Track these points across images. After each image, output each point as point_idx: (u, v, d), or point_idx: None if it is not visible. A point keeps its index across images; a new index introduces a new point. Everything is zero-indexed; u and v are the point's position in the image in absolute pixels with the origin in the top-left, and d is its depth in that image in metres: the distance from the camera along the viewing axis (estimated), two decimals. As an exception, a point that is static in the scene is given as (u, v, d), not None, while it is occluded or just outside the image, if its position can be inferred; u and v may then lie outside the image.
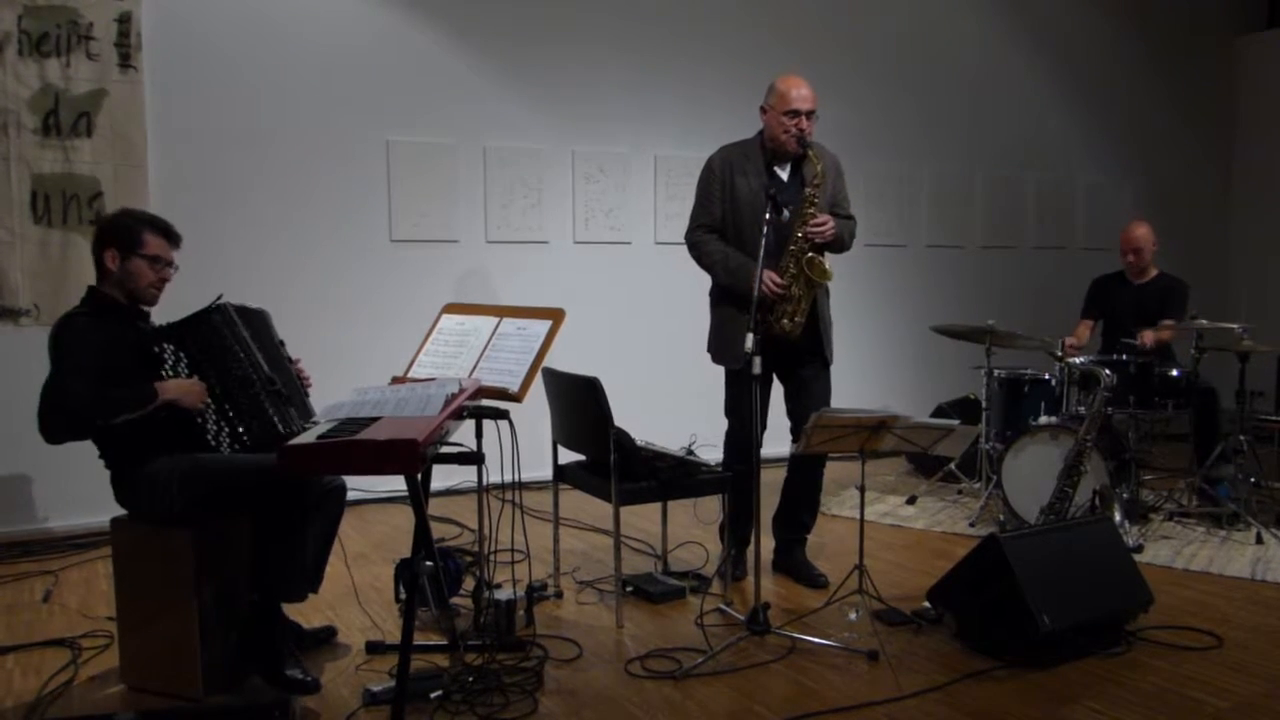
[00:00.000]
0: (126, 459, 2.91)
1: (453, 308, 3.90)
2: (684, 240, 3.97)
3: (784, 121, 3.75)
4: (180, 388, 2.86)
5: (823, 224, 3.67)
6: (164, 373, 2.89)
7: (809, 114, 3.75)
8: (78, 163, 4.66)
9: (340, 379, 3.45)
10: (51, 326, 2.91)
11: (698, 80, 6.13)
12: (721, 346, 3.92)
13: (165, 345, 2.91)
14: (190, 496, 2.87)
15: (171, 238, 3.05)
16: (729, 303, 3.85)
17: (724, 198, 3.85)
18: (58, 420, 2.78)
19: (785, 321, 3.71)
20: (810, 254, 3.67)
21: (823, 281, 3.72)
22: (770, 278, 3.63)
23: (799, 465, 4.00)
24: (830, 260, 3.74)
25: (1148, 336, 4.95)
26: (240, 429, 2.93)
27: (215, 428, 2.92)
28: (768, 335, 3.66)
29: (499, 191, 5.67)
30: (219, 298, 3.04)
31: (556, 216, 5.84)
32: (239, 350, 2.98)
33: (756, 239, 3.57)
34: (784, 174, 3.87)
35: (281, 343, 3.27)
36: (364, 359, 4.80)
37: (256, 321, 3.17)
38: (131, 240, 2.96)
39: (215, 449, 2.91)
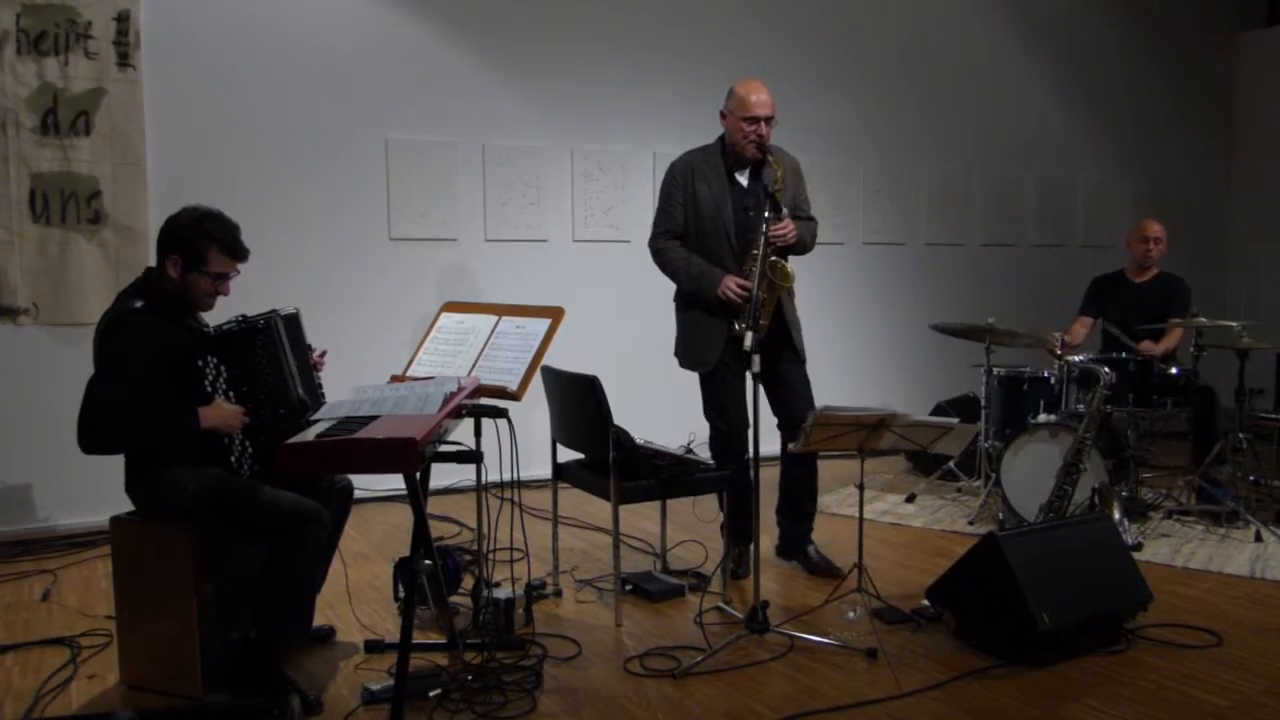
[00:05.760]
0: (145, 455, 2.87)
1: (452, 306, 3.90)
2: (648, 247, 3.99)
3: (743, 127, 3.77)
4: (220, 417, 2.80)
5: (784, 229, 3.69)
6: (205, 385, 2.83)
7: (768, 119, 3.76)
8: (76, 161, 4.65)
9: (339, 378, 3.44)
10: (104, 314, 2.85)
11: (696, 78, 6.11)
12: (689, 350, 3.96)
13: (209, 359, 2.84)
14: (209, 513, 2.84)
15: (239, 255, 2.97)
16: (695, 307, 3.90)
17: (686, 204, 3.89)
18: (98, 434, 2.72)
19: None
20: (773, 258, 3.69)
21: (785, 284, 3.75)
22: (735, 281, 3.72)
23: (794, 457, 4.00)
24: (791, 262, 3.76)
25: (1155, 351, 4.92)
26: (264, 456, 2.87)
27: (240, 449, 2.87)
28: (734, 337, 3.75)
29: (498, 190, 5.67)
30: (271, 312, 2.98)
31: (555, 215, 5.83)
32: (278, 370, 2.94)
33: (719, 245, 3.80)
34: (744, 179, 3.89)
35: (311, 348, 3.26)
36: (363, 358, 4.79)
37: (293, 328, 3.12)
38: (197, 258, 2.89)
39: (235, 470, 2.87)
